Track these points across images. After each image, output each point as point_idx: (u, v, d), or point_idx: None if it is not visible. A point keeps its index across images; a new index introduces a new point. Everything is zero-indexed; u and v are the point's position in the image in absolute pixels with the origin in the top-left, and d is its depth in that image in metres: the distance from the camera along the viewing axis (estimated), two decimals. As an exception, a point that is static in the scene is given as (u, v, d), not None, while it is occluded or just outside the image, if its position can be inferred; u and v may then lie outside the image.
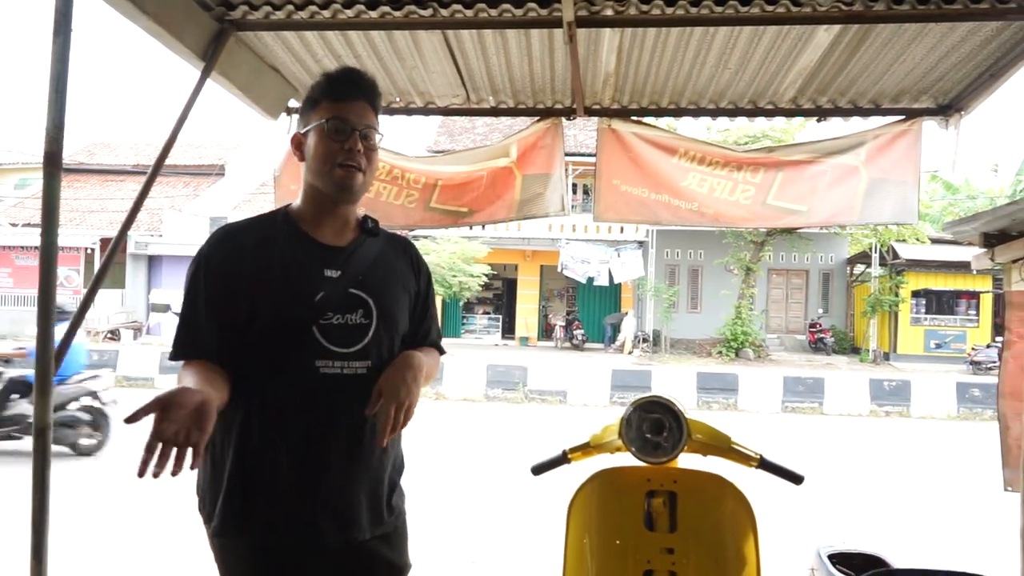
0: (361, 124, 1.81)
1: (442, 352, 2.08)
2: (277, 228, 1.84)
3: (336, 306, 1.76)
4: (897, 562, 3.04)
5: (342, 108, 1.81)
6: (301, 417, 1.73)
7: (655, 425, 2.12)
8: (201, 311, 1.78)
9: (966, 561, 5.50)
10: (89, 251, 24.07)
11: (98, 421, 8.47)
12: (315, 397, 1.73)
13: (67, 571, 4.74)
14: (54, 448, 2.51)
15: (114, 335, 22.57)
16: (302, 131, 1.86)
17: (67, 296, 21.43)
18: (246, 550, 1.74)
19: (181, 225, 25.25)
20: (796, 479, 2.20)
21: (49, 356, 2.42)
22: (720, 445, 2.17)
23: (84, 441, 8.39)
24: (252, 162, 29.87)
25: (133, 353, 16.36)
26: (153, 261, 25.63)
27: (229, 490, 1.73)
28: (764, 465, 2.18)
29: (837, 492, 7.70)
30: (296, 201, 1.90)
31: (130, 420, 1.52)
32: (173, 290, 24.31)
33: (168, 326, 23.34)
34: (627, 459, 2.17)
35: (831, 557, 3.14)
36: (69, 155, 30.37)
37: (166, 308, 23.90)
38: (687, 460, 2.19)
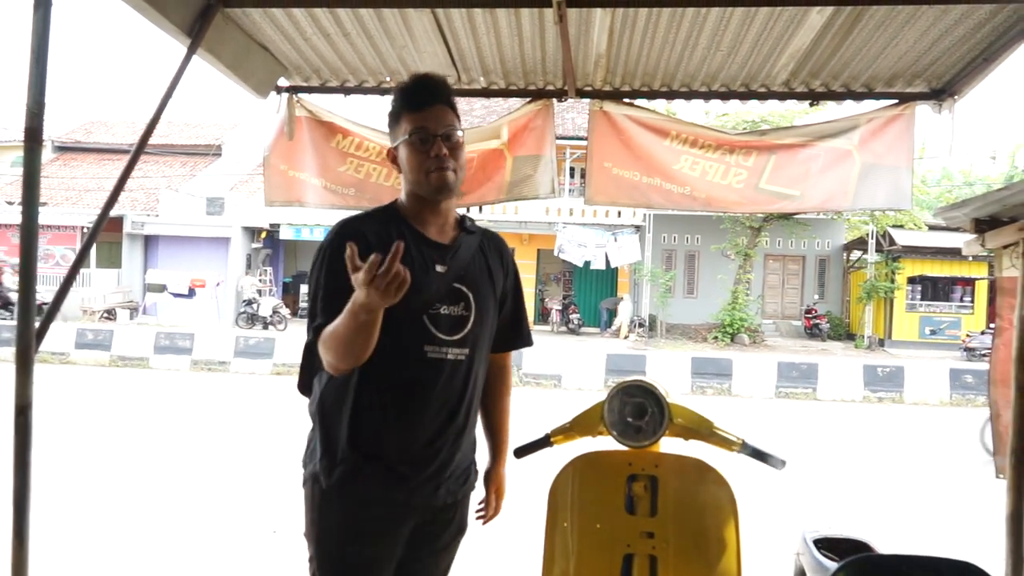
0: (441, 128, 1.95)
1: (531, 343, 2.28)
2: (391, 223, 1.99)
3: (443, 298, 1.95)
4: (884, 548, 3.05)
5: (422, 118, 1.95)
6: (407, 393, 1.91)
7: (637, 409, 2.11)
8: (340, 290, 1.80)
9: (954, 547, 5.53)
10: (85, 230, 23.96)
11: None
12: (421, 377, 1.92)
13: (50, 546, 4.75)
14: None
15: (110, 315, 22.55)
16: (392, 146, 2.02)
17: (63, 274, 21.44)
18: (351, 506, 1.92)
19: (177, 205, 25.14)
20: (778, 464, 2.19)
21: (30, 332, 2.40)
22: (702, 430, 2.17)
23: None
24: (249, 142, 29.68)
25: (129, 333, 16.35)
26: (149, 241, 25.53)
27: (342, 453, 1.92)
28: (746, 450, 2.17)
29: (827, 477, 7.73)
30: (400, 198, 2.06)
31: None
32: (169, 270, 24.28)
33: (164, 306, 23.36)
34: (609, 443, 2.16)
35: (817, 542, 3.14)
36: (66, 134, 30.25)
37: (162, 288, 23.88)
38: (669, 444, 2.18)
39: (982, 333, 20.36)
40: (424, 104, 1.95)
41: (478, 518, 2.25)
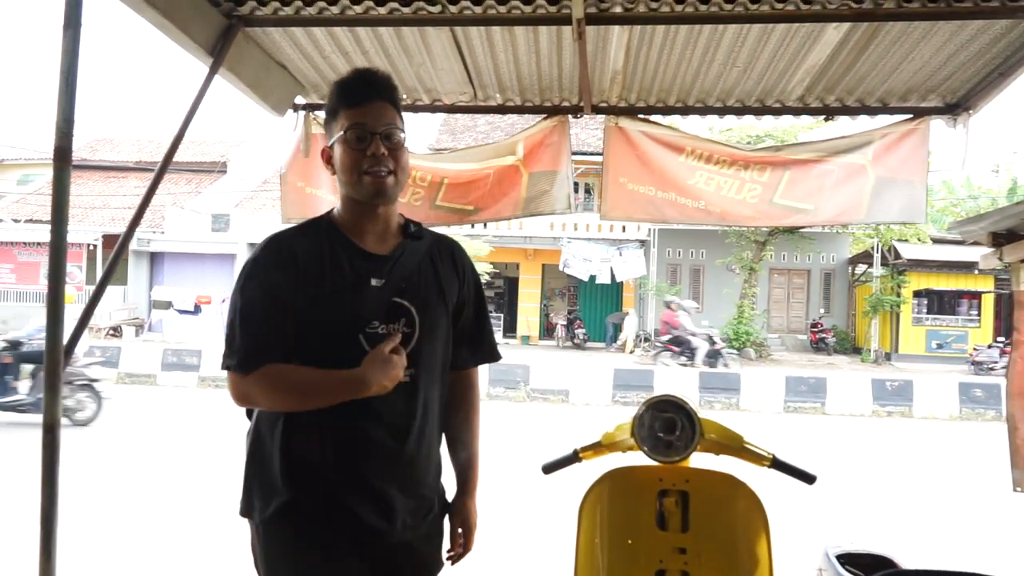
0: (380, 126, 1.77)
1: (498, 358, 2.11)
2: (323, 237, 1.83)
3: (380, 315, 1.77)
4: (905, 562, 3.03)
5: (360, 113, 1.78)
6: (344, 418, 1.73)
7: (667, 424, 2.11)
8: (262, 316, 1.74)
9: (972, 561, 5.49)
10: (92, 247, 24.06)
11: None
12: (359, 400, 1.72)
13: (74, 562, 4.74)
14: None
15: (116, 332, 22.58)
16: (328, 144, 1.85)
17: (70, 292, 21.51)
18: (292, 540, 1.76)
19: (183, 222, 25.25)
20: (809, 479, 2.19)
21: (58, 352, 2.41)
22: (733, 444, 2.16)
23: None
24: (255, 159, 29.83)
25: (135, 350, 16.35)
26: (155, 258, 25.63)
27: (276, 482, 1.76)
28: (777, 465, 2.17)
29: (841, 492, 7.69)
30: (337, 207, 1.89)
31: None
32: (175, 287, 24.33)
33: (170, 323, 23.37)
34: (639, 458, 2.16)
35: (839, 557, 3.12)
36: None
37: (168, 305, 23.92)
38: (699, 459, 2.18)
39: (989, 347, 20.33)
40: (363, 99, 1.78)
41: (448, 558, 2.01)
